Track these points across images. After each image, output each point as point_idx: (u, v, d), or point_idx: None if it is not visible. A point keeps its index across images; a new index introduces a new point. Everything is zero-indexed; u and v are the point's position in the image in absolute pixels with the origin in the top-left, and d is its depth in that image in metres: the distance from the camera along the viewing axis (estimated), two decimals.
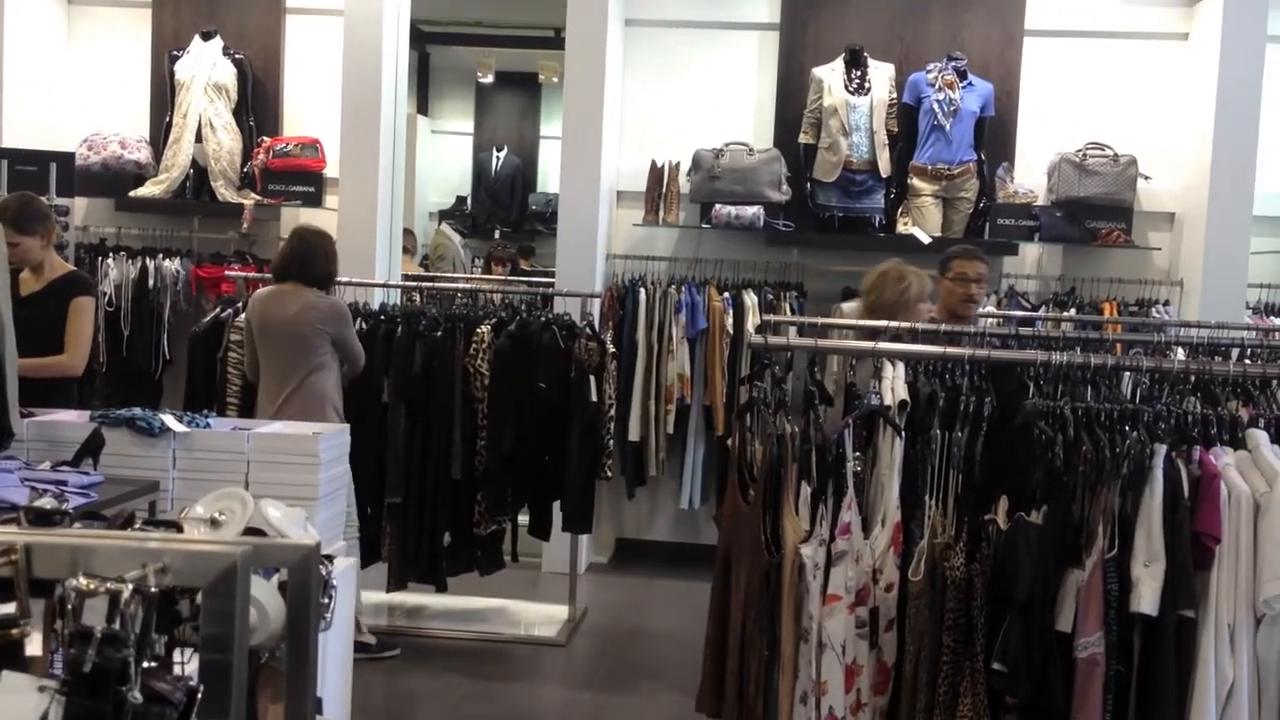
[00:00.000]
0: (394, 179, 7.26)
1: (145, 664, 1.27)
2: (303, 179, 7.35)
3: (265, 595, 1.67)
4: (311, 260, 5.36)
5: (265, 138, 7.46)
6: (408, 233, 9.54)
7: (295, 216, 7.53)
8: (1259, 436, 3.06)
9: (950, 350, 3.72)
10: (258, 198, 7.34)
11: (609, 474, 6.03)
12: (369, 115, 6.97)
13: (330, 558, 3.86)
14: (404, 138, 7.58)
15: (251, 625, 1.66)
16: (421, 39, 10.87)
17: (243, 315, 5.74)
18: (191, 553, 1.33)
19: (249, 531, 2.17)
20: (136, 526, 1.85)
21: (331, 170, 7.31)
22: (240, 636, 1.31)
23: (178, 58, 7.42)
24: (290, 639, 1.60)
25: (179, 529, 1.83)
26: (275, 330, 5.29)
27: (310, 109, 7.62)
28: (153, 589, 1.26)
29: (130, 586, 1.25)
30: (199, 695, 1.30)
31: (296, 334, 5.26)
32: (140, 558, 1.31)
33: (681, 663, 5.12)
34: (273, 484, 4.18)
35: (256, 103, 7.54)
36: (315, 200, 7.36)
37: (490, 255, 9.69)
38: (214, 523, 2.04)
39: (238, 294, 6.20)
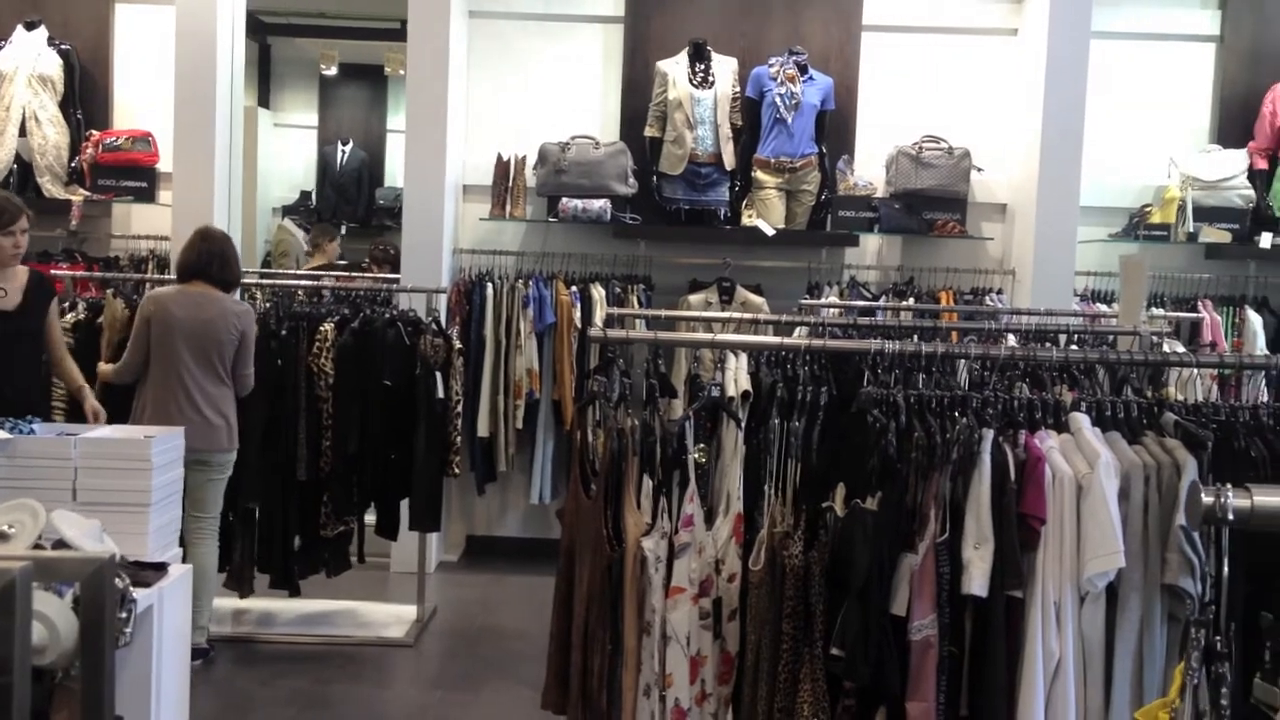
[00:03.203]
0: (231, 173, 7.07)
1: None
2: (134, 174, 7.12)
3: (55, 612, 1.58)
4: (228, 261, 5.30)
5: (94, 131, 7.21)
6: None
7: (127, 213, 7.31)
8: (1081, 419, 3.16)
9: (788, 340, 3.77)
10: (87, 194, 7.08)
11: (457, 471, 5.98)
12: (204, 107, 6.77)
13: (162, 566, 3.74)
14: (242, 131, 7.37)
15: (40, 644, 1.57)
16: (261, 30, 10.59)
17: (69, 316, 5.54)
18: None
19: (55, 544, 2.07)
20: None
21: (165, 165, 7.09)
22: (21, 656, 1.23)
23: None
24: (84, 657, 1.52)
25: None
26: (190, 332, 5.15)
27: (141, 101, 7.38)
28: None
29: None
30: None
31: (213, 338, 5.18)
32: None
33: (532, 659, 5.08)
34: (102, 490, 4.04)
35: (84, 95, 7.28)
36: (148, 196, 7.14)
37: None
38: (2, 536, 1.93)
39: (66, 294, 5.96)
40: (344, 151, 11.30)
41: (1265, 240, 6.95)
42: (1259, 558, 2.91)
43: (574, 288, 6.92)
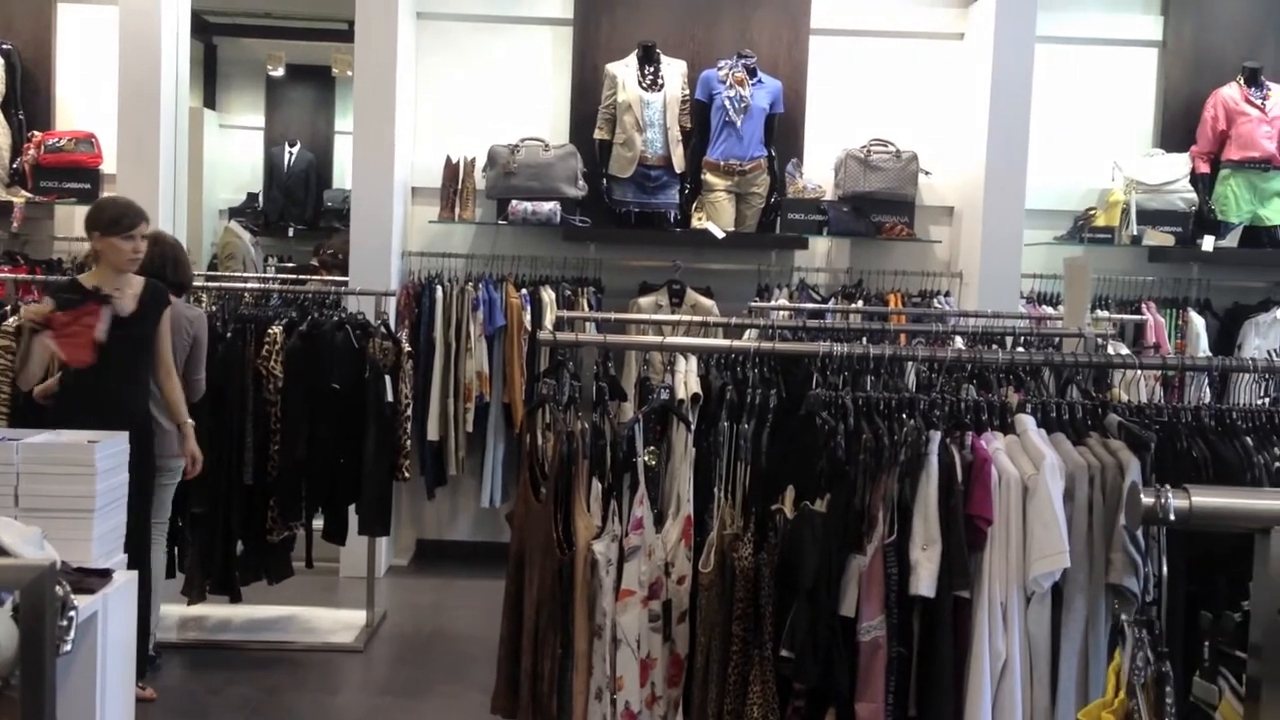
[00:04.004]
0: (176, 175, 7.00)
1: None
2: (78, 175, 7.04)
3: None
4: (180, 265, 5.27)
5: (36, 132, 7.12)
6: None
7: (70, 215, 7.21)
8: (1026, 421, 3.19)
9: (738, 343, 3.78)
10: (29, 195, 6.99)
11: (406, 475, 5.94)
12: (148, 108, 6.70)
13: (106, 572, 3.70)
14: (187, 132, 7.30)
15: None
16: (206, 30, 10.48)
17: (11, 320, 5.46)
18: None
19: None
20: None
21: (109, 166, 7.01)
22: None
23: None
24: (24, 665, 1.50)
25: None
26: None
27: (85, 102, 7.29)
28: None
29: None
30: None
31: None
32: None
33: (483, 663, 5.07)
34: (45, 496, 3.99)
35: (26, 95, 7.19)
36: (91, 197, 7.01)
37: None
38: None
39: (7, 297, 5.87)
40: (291, 153, 11.22)
41: (1207, 243, 7.05)
42: (1200, 557, 2.96)
43: (524, 290, 6.91)
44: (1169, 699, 1.69)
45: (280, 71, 11.31)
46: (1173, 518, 1.54)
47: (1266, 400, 3.50)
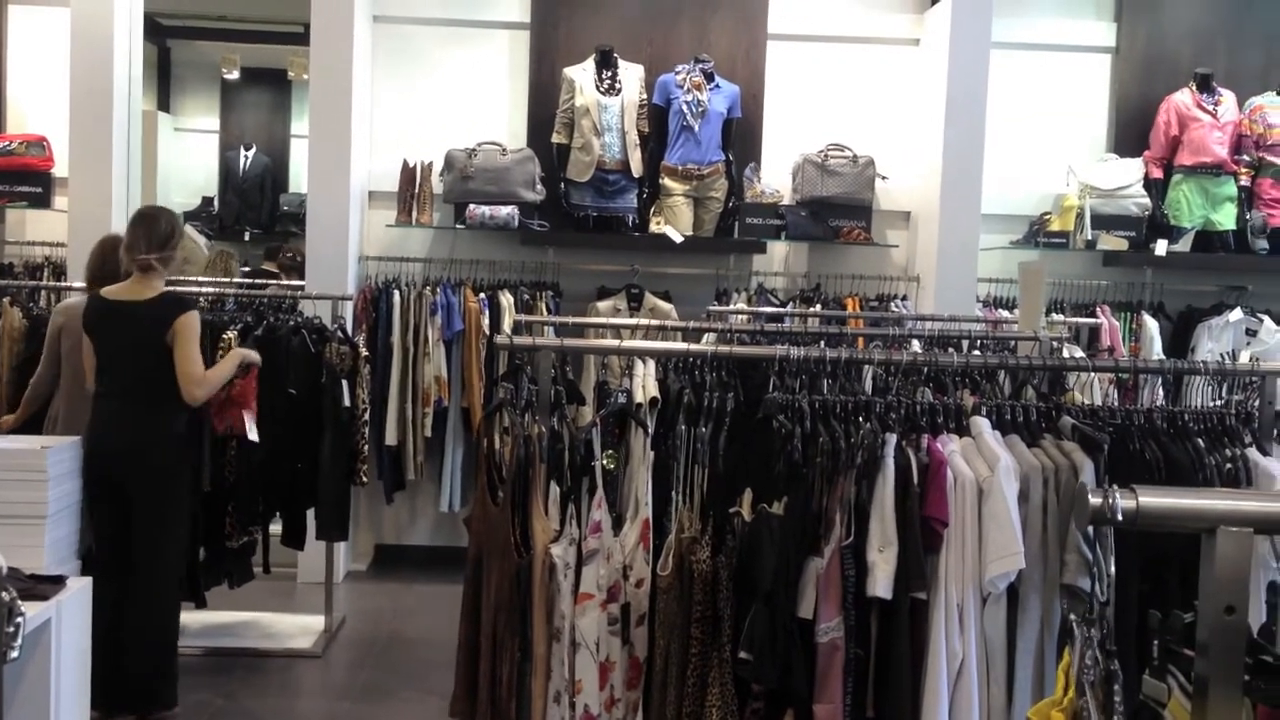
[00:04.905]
0: (130, 178, 6.93)
1: None
2: (29, 179, 6.97)
3: None
4: None
5: None
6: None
7: (21, 219, 7.14)
8: (981, 424, 3.22)
9: (695, 347, 3.79)
10: None
11: (364, 480, 5.92)
12: (101, 112, 6.63)
13: (59, 579, 3.66)
14: (140, 135, 7.23)
15: None
16: (160, 32, 10.40)
17: None
18: None
19: None
20: None
21: (61, 170, 6.93)
22: None
23: None
24: None
25: None
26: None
27: (36, 105, 7.23)
28: None
29: None
30: None
31: None
32: None
33: (442, 667, 5.01)
34: None
35: None
36: (43, 201, 6.99)
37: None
38: None
39: None
40: (247, 157, 11.13)
41: (1160, 247, 7.13)
42: (1155, 557, 3.00)
43: (482, 295, 6.89)
44: (1117, 697, 1.71)
45: (235, 74, 11.23)
46: (1120, 518, 1.55)
47: (1219, 402, 3.55)
